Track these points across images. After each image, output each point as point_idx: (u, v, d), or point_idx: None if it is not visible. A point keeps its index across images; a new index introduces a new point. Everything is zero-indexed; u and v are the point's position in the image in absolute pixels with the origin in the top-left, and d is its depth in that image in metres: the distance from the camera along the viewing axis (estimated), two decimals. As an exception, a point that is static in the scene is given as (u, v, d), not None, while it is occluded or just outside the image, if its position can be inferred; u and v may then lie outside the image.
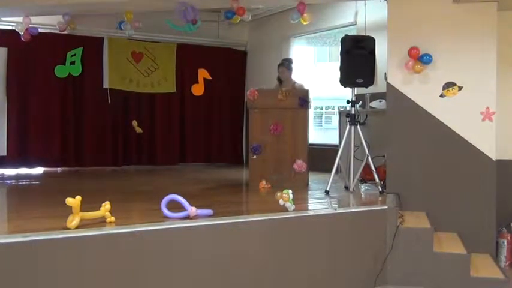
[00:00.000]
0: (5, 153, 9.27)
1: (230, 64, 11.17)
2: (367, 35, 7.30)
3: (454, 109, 5.87)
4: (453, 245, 5.39)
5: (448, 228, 5.71)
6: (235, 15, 7.25)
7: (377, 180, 6.36)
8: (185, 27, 7.15)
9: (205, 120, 11.00)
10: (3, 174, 8.95)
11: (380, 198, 6.04)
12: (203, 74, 6.58)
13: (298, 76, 8.38)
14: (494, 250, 5.79)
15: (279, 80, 7.90)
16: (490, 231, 5.75)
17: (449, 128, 5.87)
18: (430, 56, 5.84)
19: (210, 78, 6.67)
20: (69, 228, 4.00)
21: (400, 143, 6.08)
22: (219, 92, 10.70)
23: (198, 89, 6.59)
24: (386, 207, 5.43)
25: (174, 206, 4.62)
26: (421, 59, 5.86)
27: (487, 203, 5.75)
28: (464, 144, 5.83)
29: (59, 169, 9.75)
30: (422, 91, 6.00)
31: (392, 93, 6.12)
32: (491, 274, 5.14)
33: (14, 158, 9.32)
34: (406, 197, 5.87)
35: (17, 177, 8.73)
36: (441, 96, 5.93)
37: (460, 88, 5.87)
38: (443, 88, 5.92)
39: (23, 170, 9.39)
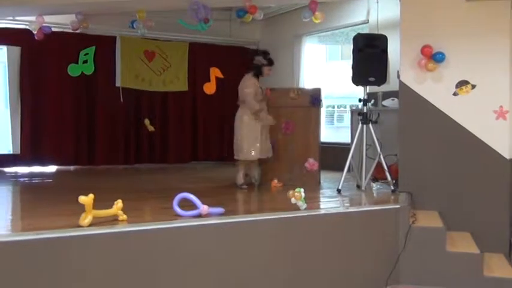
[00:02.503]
0: (18, 152, 9.34)
1: (242, 63, 11.13)
2: (379, 33, 7.28)
3: (467, 108, 5.84)
4: (466, 245, 5.36)
5: (460, 227, 5.68)
6: (247, 13, 7.24)
7: (389, 179, 6.34)
8: (197, 26, 7.16)
9: (217, 118, 10.99)
10: (16, 172, 9.03)
11: (392, 197, 6.02)
12: (215, 72, 6.59)
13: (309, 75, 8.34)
14: (508, 250, 5.73)
15: (258, 76, 6.99)
16: (504, 230, 5.70)
17: (463, 127, 5.84)
18: (443, 54, 5.80)
19: (222, 76, 6.68)
20: (82, 226, 4.03)
21: (413, 141, 6.05)
22: (231, 91, 10.67)
23: (210, 88, 6.60)
24: (398, 206, 5.41)
25: (186, 205, 4.64)
26: (434, 57, 5.82)
27: (501, 202, 5.71)
28: (477, 143, 5.79)
29: (71, 167, 9.80)
30: (435, 89, 5.96)
31: (405, 92, 6.10)
32: (505, 274, 5.10)
33: (28, 156, 9.38)
34: (418, 196, 5.84)
35: (30, 175, 8.80)
36: (454, 94, 5.89)
37: (473, 86, 5.83)
38: (456, 86, 5.88)
39: (36, 168, 9.45)
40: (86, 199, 4.06)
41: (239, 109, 7.04)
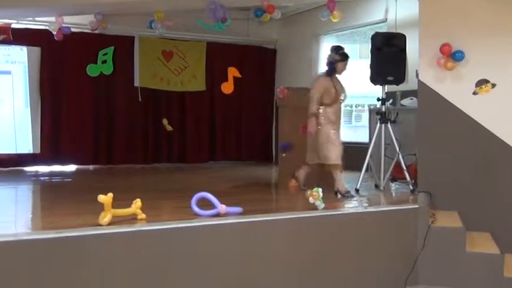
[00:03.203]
0: (38, 151, 9.45)
1: (260, 62, 11.17)
2: (398, 31, 7.23)
3: (487, 107, 5.77)
4: (486, 245, 5.30)
5: (480, 227, 5.62)
6: (265, 13, 7.25)
7: (408, 178, 6.29)
8: (215, 26, 7.17)
9: (235, 118, 11.02)
10: (36, 172, 9.13)
11: (411, 197, 5.98)
12: (233, 72, 6.59)
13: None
14: (529, 250, 5.68)
15: (331, 73, 6.31)
16: (525, 231, 5.64)
17: (482, 126, 5.77)
18: (462, 52, 5.75)
19: (240, 76, 6.68)
20: (101, 225, 4.06)
21: (432, 141, 6.00)
22: (249, 90, 10.71)
23: (227, 87, 6.61)
24: (417, 206, 5.37)
25: (204, 204, 4.65)
26: (453, 55, 5.77)
27: (522, 202, 5.64)
28: (497, 142, 5.72)
29: (91, 167, 9.88)
30: (454, 88, 5.91)
31: (423, 91, 6.05)
32: (526, 275, 5.05)
33: (48, 155, 9.48)
34: (437, 196, 5.79)
35: (50, 174, 8.89)
36: (474, 93, 5.83)
37: (494, 85, 5.77)
38: (476, 85, 5.82)
39: (56, 168, 9.54)
40: (105, 198, 4.09)
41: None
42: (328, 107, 6.20)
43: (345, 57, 6.27)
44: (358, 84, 9.60)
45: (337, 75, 6.33)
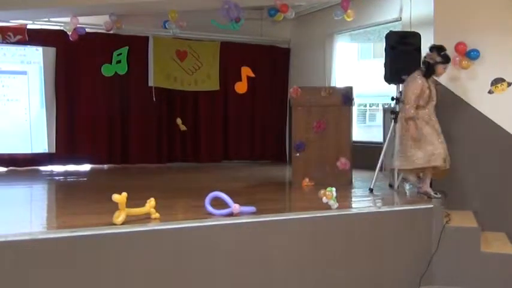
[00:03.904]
0: (54, 151, 9.52)
1: (273, 61, 11.16)
2: (412, 30, 7.18)
3: (503, 106, 5.73)
4: (501, 245, 5.27)
5: (496, 227, 5.59)
6: (278, 12, 7.25)
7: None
8: (229, 25, 7.18)
9: (249, 117, 11.02)
10: (52, 171, 9.20)
11: (425, 197, 5.94)
12: (246, 71, 6.60)
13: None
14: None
15: (429, 74, 5.76)
16: (540, 231, 5.59)
17: (498, 125, 5.74)
18: (477, 51, 5.71)
19: (253, 76, 6.68)
20: (115, 224, 4.08)
21: (447, 140, 5.95)
22: (262, 90, 10.71)
23: (241, 87, 6.62)
24: (432, 206, 5.34)
25: (218, 203, 4.66)
26: (468, 54, 5.74)
27: (537, 203, 5.59)
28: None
29: (105, 166, 9.94)
30: (469, 87, 5.88)
31: (438, 90, 6.01)
32: (542, 275, 5.00)
33: (63, 155, 9.55)
34: (452, 196, 5.75)
35: (65, 173, 8.95)
36: (489, 92, 5.79)
37: (510, 84, 5.72)
38: (492, 84, 5.78)
39: (71, 167, 9.61)
40: (120, 197, 4.11)
41: (400, 111, 6.00)
42: (421, 109, 5.72)
43: (446, 60, 5.73)
44: (372, 83, 9.58)
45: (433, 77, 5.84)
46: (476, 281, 5.04)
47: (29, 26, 9.13)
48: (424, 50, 6.42)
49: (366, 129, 10.14)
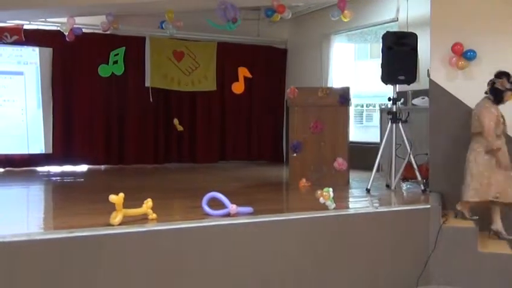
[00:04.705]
0: (50, 151, 9.51)
1: (270, 62, 11.17)
2: (409, 31, 7.19)
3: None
4: (498, 245, 5.27)
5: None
6: (275, 13, 7.25)
7: (419, 178, 6.26)
8: (225, 25, 7.18)
9: (246, 118, 11.03)
10: (48, 172, 9.18)
11: (422, 197, 5.95)
12: (243, 72, 6.60)
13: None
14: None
15: (499, 101, 5.43)
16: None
17: (495, 126, 5.72)
18: (474, 51, 5.72)
19: (250, 76, 6.68)
20: (112, 225, 4.07)
21: (444, 140, 5.97)
22: (259, 90, 10.72)
23: (238, 87, 6.61)
24: (429, 206, 5.34)
25: (215, 204, 4.65)
26: (465, 55, 5.74)
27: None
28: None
29: (102, 167, 9.93)
30: (466, 88, 5.87)
31: (435, 90, 6.03)
32: (538, 275, 5.01)
33: (59, 155, 9.55)
34: (449, 196, 5.76)
35: (62, 174, 8.94)
36: (486, 93, 5.78)
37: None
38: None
39: (68, 168, 9.61)
40: (116, 198, 4.10)
41: (473, 142, 5.54)
42: (498, 138, 5.36)
43: None
44: (369, 84, 9.58)
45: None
46: (473, 281, 5.04)
47: (25, 27, 9.13)
48: (421, 51, 6.45)
49: (362, 129, 10.11)
